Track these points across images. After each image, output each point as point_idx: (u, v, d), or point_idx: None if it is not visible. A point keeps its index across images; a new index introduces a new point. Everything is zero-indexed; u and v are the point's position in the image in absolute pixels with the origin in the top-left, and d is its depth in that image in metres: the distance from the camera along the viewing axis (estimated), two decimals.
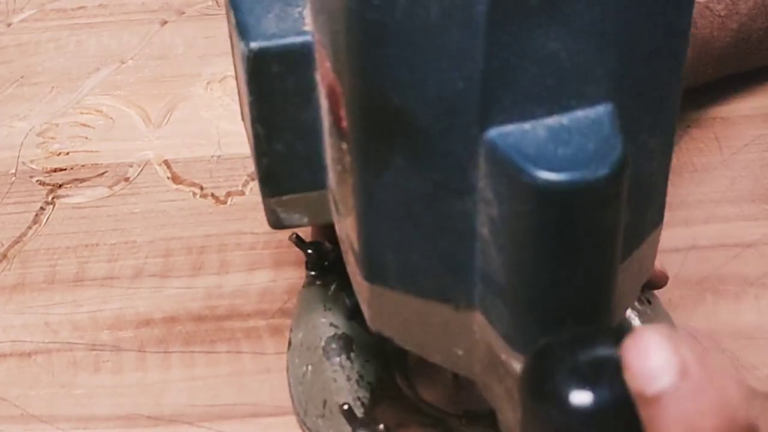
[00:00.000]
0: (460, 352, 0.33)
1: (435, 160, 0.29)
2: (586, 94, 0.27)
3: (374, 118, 0.29)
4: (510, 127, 0.27)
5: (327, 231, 0.44)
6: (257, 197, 0.55)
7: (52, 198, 0.57)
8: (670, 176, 0.57)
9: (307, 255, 0.46)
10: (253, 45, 0.33)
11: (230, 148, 0.59)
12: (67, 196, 0.57)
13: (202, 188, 0.57)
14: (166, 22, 0.70)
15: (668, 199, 0.55)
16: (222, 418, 0.45)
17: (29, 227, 0.55)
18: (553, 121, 0.27)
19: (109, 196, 0.56)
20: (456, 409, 0.43)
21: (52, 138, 0.60)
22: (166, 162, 0.58)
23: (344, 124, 0.31)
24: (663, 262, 0.52)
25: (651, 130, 0.30)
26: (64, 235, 0.54)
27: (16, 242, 0.54)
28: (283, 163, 0.36)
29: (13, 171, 0.58)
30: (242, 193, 0.56)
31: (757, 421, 0.26)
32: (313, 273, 0.46)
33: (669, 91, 0.31)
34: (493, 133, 0.27)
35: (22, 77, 0.65)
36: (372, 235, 0.32)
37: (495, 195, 0.28)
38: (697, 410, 0.23)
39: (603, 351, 0.25)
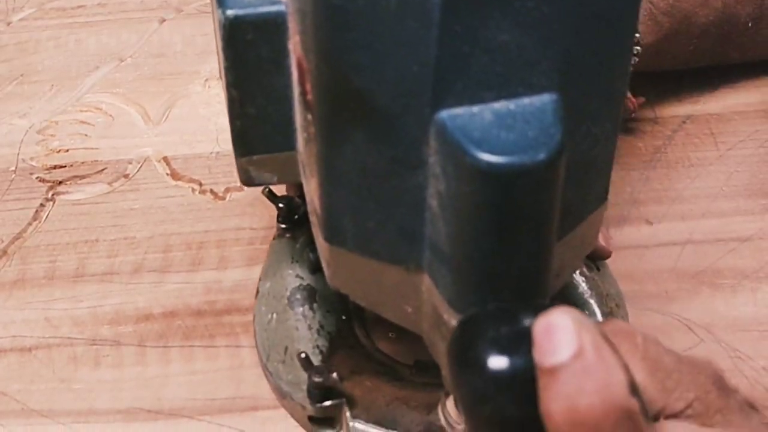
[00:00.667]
0: (410, 310, 0.35)
1: (391, 136, 0.31)
2: (533, 83, 0.29)
3: (336, 96, 0.31)
4: (459, 110, 0.29)
5: (299, 188, 0.46)
6: (256, 193, 0.56)
7: (52, 195, 0.57)
8: (666, 171, 0.58)
9: (278, 209, 0.49)
10: (230, 13, 0.35)
11: (229, 145, 0.58)
12: (67, 192, 0.57)
13: (201, 184, 0.57)
14: (164, 20, 0.70)
15: (664, 193, 0.56)
16: (221, 412, 0.46)
17: (29, 224, 0.55)
18: (500, 106, 0.29)
19: (108, 193, 0.57)
20: (408, 360, 0.46)
21: (51, 135, 0.61)
22: (165, 159, 0.59)
23: (309, 97, 0.32)
24: (660, 255, 0.52)
25: (595, 118, 0.32)
26: (64, 232, 0.54)
27: (17, 238, 0.54)
28: (255, 125, 0.38)
29: (13, 168, 0.59)
30: (241, 189, 0.57)
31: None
32: (283, 226, 0.49)
33: (613, 82, 0.32)
34: (444, 114, 0.29)
35: (22, 75, 0.65)
36: (332, 202, 0.34)
37: (443, 171, 0.30)
38: (581, 388, 0.25)
39: (522, 324, 0.27)
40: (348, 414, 0.42)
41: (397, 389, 0.43)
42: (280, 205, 0.49)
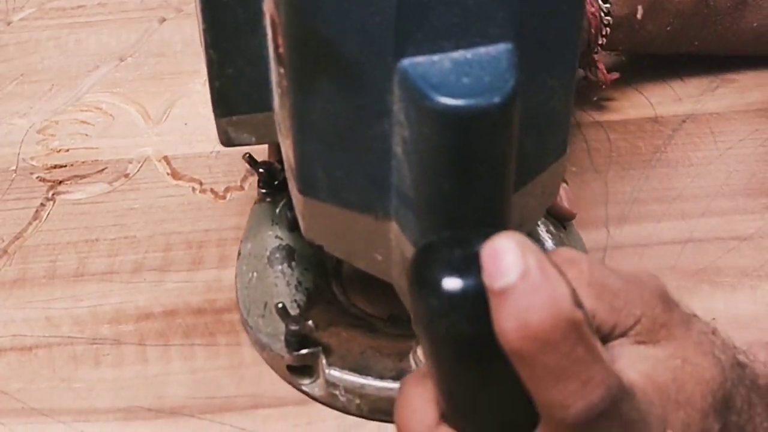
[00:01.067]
0: (380, 258, 0.37)
1: (357, 85, 0.33)
2: (489, 34, 0.31)
3: (305, 47, 0.33)
4: (420, 59, 0.31)
5: (278, 153, 0.47)
6: (256, 192, 0.56)
7: (53, 194, 0.57)
8: (666, 170, 0.58)
9: (259, 174, 0.51)
10: None
11: None
12: (67, 192, 0.57)
13: (201, 184, 0.57)
14: (164, 20, 0.70)
15: (664, 192, 0.56)
16: (222, 410, 0.46)
17: (30, 223, 0.55)
18: (458, 54, 0.31)
19: (108, 192, 0.57)
20: (382, 314, 0.48)
21: (52, 135, 0.61)
22: (165, 158, 0.59)
23: (281, 50, 0.34)
24: (660, 253, 0.53)
25: (550, 69, 0.35)
26: (64, 231, 0.54)
27: (17, 238, 0.54)
28: (233, 86, 0.40)
29: (14, 168, 0.59)
30: (241, 188, 0.57)
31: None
32: (264, 191, 0.51)
33: (567, 34, 0.35)
34: (406, 62, 0.31)
35: (22, 75, 0.65)
36: (304, 153, 0.36)
37: (406, 117, 0.32)
38: (530, 305, 0.28)
39: (475, 248, 0.29)
40: (324, 362, 0.44)
41: (371, 339, 0.45)
42: (261, 170, 0.51)
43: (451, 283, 0.28)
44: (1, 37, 0.69)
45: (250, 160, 0.51)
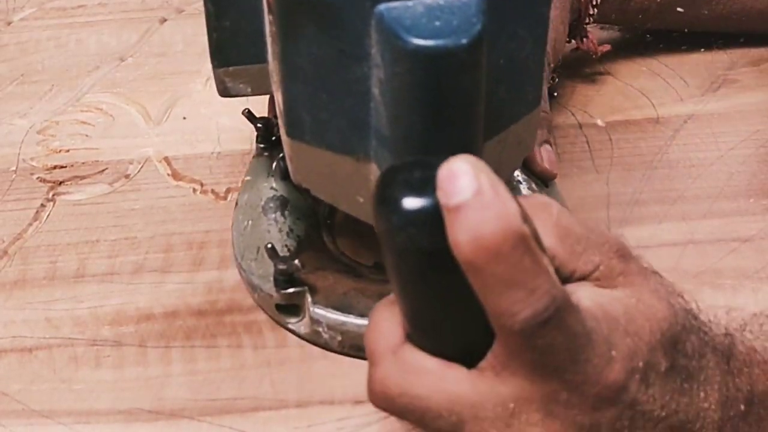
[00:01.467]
0: (361, 200, 0.40)
1: (338, 29, 0.36)
2: None
3: None
4: (395, 4, 0.34)
5: (275, 108, 0.49)
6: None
7: (53, 195, 0.57)
8: (668, 171, 0.58)
9: (257, 128, 0.54)
10: None
11: (230, 145, 0.59)
12: (68, 193, 0.57)
13: (202, 184, 0.57)
14: (165, 20, 0.70)
15: (665, 194, 0.56)
16: (223, 412, 0.46)
17: (30, 224, 0.55)
18: (431, 1, 0.35)
19: (109, 193, 0.57)
20: (368, 261, 0.51)
21: (52, 135, 0.61)
22: (166, 159, 0.59)
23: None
24: (661, 255, 0.52)
25: (520, 20, 0.38)
26: (64, 232, 0.54)
27: (17, 239, 0.54)
28: (230, 38, 0.44)
29: (14, 168, 0.58)
30: None
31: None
32: (261, 146, 0.54)
33: None
34: (382, 7, 0.34)
35: (22, 75, 0.65)
36: (291, 96, 0.39)
37: (381, 59, 0.35)
38: (483, 219, 0.30)
39: (434, 171, 0.31)
40: (309, 300, 0.47)
41: (356, 282, 0.48)
42: (259, 125, 0.53)
43: (410, 202, 0.31)
44: (2, 37, 0.69)
45: (249, 115, 0.54)
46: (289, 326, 0.48)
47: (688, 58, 0.65)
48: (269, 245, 0.47)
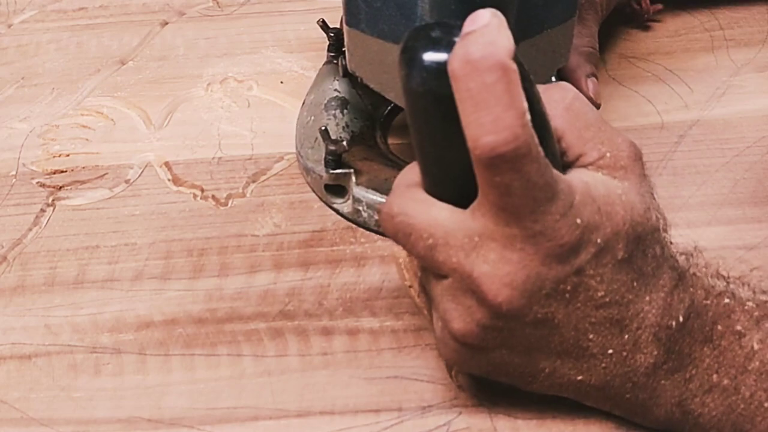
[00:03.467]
0: None
1: None
2: None
3: None
4: None
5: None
6: (258, 199, 0.56)
7: (53, 200, 0.56)
8: (673, 178, 0.57)
9: (329, 37, 0.59)
10: None
11: (231, 150, 0.59)
12: (68, 198, 0.57)
13: (202, 190, 0.57)
14: (166, 23, 0.69)
15: (670, 201, 0.55)
16: (222, 422, 0.45)
17: (29, 229, 0.55)
18: None
19: (109, 198, 0.56)
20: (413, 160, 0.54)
21: (52, 140, 0.60)
22: (166, 164, 0.58)
23: None
24: None
25: None
26: (64, 237, 0.54)
27: (17, 244, 0.54)
28: None
29: (14, 173, 0.58)
30: (243, 195, 0.56)
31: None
32: (331, 54, 0.59)
33: None
34: None
35: (22, 78, 0.65)
36: None
37: None
38: (476, 41, 0.35)
39: (452, 30, 0.36)
40: (353, 181, 0.53)
41: (398, 173, 0.49)
42: (331, 34, 0.59)
43: (427, 53, 0.37)
44: (2, 40, 0.68)
45: (324, 24, 0.59)
46: (334, 206, 0.54)
47: (693, 64, 0.64)
48: (323, 128, 0.52)
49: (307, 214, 0.55)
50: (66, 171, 0.58)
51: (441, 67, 0.36)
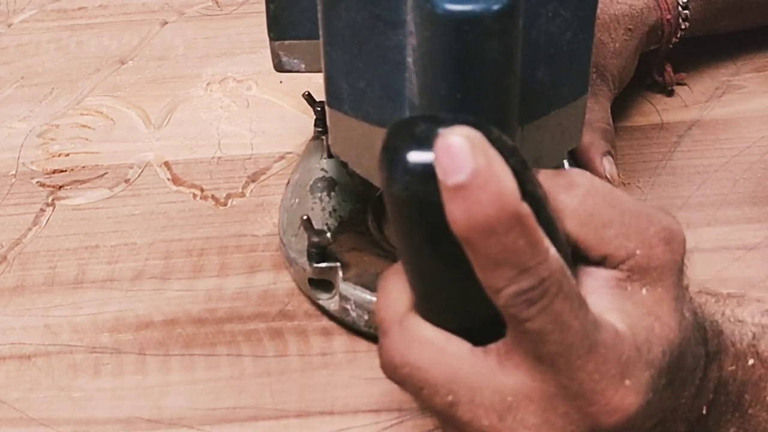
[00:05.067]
0: None
1: None
2: None
3: None
4: None
5: None
6: (257, 199, 0.56)
7: (52, 199, 0.56)
8: (672, 178, 0.57)
9: (315, 112, 0.55)
10: None
11: (230, 150, 0.59)
12: (68, 197, 0.57)
13: (202, 190, 0.57)
14: (166, 23, 0.69)
15: (670, 201, 0.55)
16: (222, 422, 0.45)
17: (29, 229, 0.55)
18: None
19: (109, 198, 0.56)
20: None
21: (52, 139, 0.60)
22: (166, 163, 0.58)
23: None
24: None
25: (561, 1, 0.38)
26: (64, 237, 0.54)
27: (16, 244, 0.54)
28: (286, 11, 0.45)
29: (14, 172, 0.58)
30: (242, 195, 0.56)
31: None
32: (318, 129, 0.55)
33: None
34: None
35: (22, 78, 0.65)
36: (331, 63, 0.40)
37: (415, 25, 0.35)
38: (478, 200, 0.30)
39: (439, 127, 0.31)
40: (340, 276, 0.48)
41: (390, 266, 0.47)
42: (318, 108, 0.55)
43: (411, 153, 0.31)
44: (2, 40, 0.68)
45: (309, 98, 0.55)
46: (320, 302, 0.49)
47: (693, 65, 0.64)
48: (305, 217, 0.48)
49: None
50: (66, 170, 0.58)
51: (427, 170, 0.31)
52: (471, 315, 0.33)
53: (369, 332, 0.47)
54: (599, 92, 0.56)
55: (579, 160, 0.54)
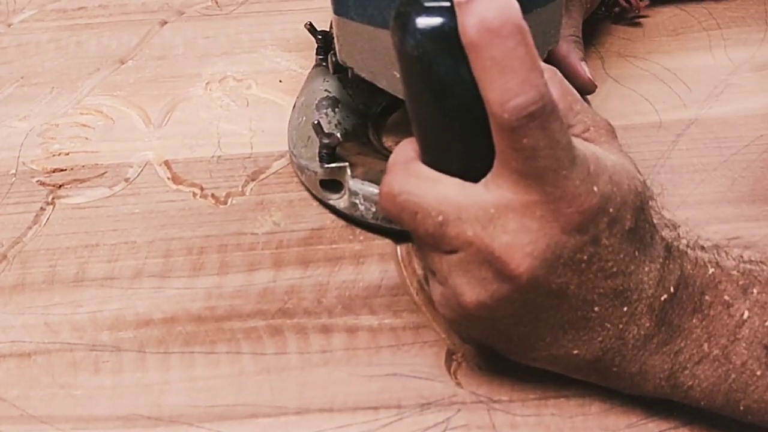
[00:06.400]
0: (398, 75, 0.42)
1: None
2: None
3: None
4: None
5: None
6: (257, 197, 0.56)
7: (52, 198, 0.56)
8: (671, 176, 0.57)
9: (317, 40, 0.60)
10: None
11: (230, 149, 0.59)
12: (68, 196, 0.57)
13: (202, 188, 0.57)
14: (165, 23, 0.69)
15: (668, 199, 0.55)
16: (222, 419, 0.45)
17: (29, 227, 0.55)
18: None
19: (109, 197, 0.56)
20: None
21: (52, 138, 0.60)
22: (166, 162, 0.58)
23: None
24: None
25: None
26: (64, 236, 0.54)
27: (16, 242, 0.54)
28: None
29: (14, 171, 0.58)
30: (242, 194, 0.56)
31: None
32: (320, 57, 0.59)
33: None
34: None
35: (22, 77, 0.65)
36: None
37: None
38: (488, 7, 0.36)
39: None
40: (349, 174, 0.52)
41: None
42: (319, 37, 0.59)
43: (421, 19, 0.37)
44: (2, 39, 0.68)
45: (311, 27, 0.59)
46: (330, 202, 0.53)
47: (691, 63, 0.65)
48: (316, 121, 0.53)
49: (306, 212, 0.55)
50: (66, 170, 0.58)
51: (435, 30, 0.37)
52: (465, 163, 0.39)
53: (376, 224, 0.52)
54: (571, 8, 0.61)
55: (559, 67, 0.57)
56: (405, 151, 0.41)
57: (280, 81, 0.64)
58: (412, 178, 0.40)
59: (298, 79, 0.63)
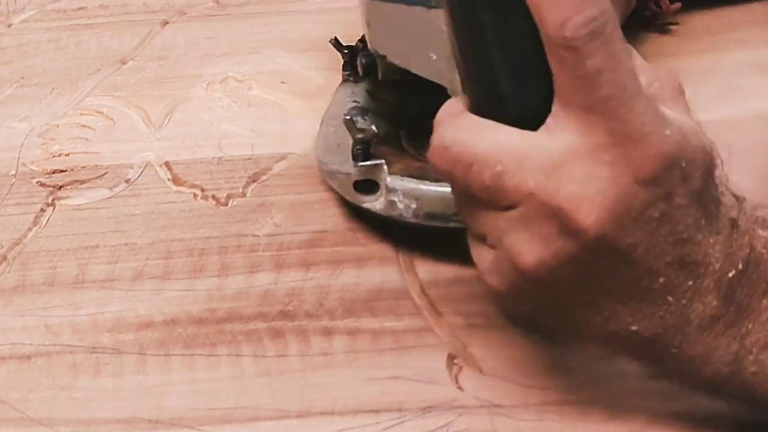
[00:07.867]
0: (435, 57, 0.43)
1: None
2: None
3: None
4: None
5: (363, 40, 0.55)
6: (258, 199, 0.56)
7: (53, 199, 0.56)
8: None
9: (343, 55, 0.58)
10: None
11: (231, 150, 0.59)
12: (68, 197, 0.56)
13: (203, 190, 0.57)
14: (167, 23, 0.69)
15: None
16: (222, 422, 0.45)
17: (29, 229, 0.55)
18: None
19: (109, 198, 0.56)
20: None
21: (52, 139, 0.60)
22: (166, 163, 0.58)
23: None
24: None
25: None
26: (64, 237, 0.54)
27: (16, 244, 0.54)
28: None
29: (14, 172, 0.58)
30: (243, 195, 0.56)
31: None
32: (346, 72, 0.58)
33: None
34: None
35: (22, 78, 0.65)
36: None
37: None
38: None
39: None
40: (386, 171, 0.50)
41: (429, 167, 0.48)
42: (345, 51, 0.58)
43: None
44: (2, 40, 0.68)
45: (336, 43, 0.58)
46: (365, 205, 0.51)
47: (696, 66, 0.64)
48: (347, 117, 0.50)
49: (307, 215, 0.55)
50: (66, 170, 0.58)
51: None
52: (521, 106, 0.36)
53: (417, 223, 0.50)
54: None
55: None
56: (453, 106, 0.39)
57: (282, 82, 0.64)
58: (466, 129, 0.37)
59: (300, 80, 0.63)
